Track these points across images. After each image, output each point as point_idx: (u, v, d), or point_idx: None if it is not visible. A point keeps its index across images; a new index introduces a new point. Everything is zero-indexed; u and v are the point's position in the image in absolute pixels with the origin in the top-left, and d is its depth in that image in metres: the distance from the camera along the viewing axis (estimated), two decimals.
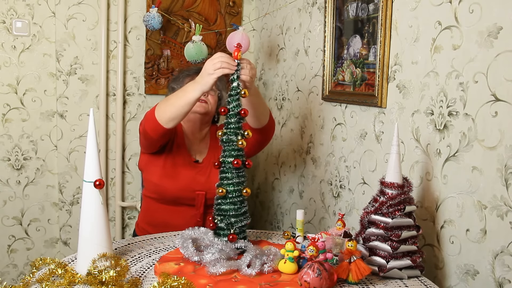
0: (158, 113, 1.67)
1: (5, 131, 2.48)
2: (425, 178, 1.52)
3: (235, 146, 1.44)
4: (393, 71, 1.65)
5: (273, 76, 2.59)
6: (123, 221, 2.69)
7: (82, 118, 2.57)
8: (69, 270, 1.22)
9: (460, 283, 1.39)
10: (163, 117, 1.66)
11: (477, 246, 1.33)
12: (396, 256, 1.32)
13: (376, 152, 1.75)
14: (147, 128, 1.73)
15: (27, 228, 2.57)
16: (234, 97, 1.45)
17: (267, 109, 1.79)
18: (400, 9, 1.61)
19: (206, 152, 1.99)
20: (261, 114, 1.75)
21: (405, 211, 1.33)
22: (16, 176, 2.52)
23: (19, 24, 2.43)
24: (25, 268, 2.58)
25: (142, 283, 1.25)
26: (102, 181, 1.26)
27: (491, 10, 1.27)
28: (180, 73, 2.06)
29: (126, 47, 2.58)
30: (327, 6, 1.99)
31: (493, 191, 1.27)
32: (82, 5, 2.50)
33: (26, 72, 2.48)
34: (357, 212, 1.87)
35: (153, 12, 2.39)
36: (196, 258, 1.36)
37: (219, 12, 2.71)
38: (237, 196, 1.45)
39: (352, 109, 1.90)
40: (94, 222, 1.27)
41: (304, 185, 2.28)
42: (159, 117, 1.67)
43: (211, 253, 1.34)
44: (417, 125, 1.54)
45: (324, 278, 1.19)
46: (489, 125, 1.28)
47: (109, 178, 2.64)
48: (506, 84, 1.23)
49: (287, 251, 1.32)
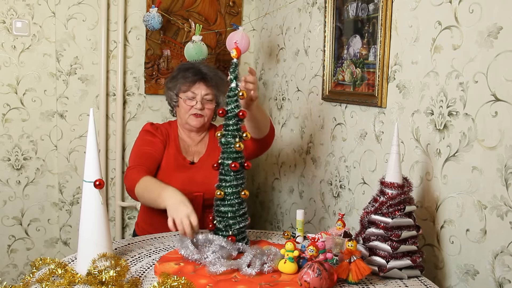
0: (137, 193, 1.71)
1: (5, 131, 2.48)
2: (425, 178, 1.52)
3: (234, 148, 1.43)
4: (393, 71, 1.65)
5: (273, 76, 2.58)
6: (123, 221, 2.69)
7: (82, 118, 2.57)
8: (69, 270, 1.22)
9: (460, 283, 1.39)
10: (140, 200, 1.75)
11: (477, 246, 1.33)
12: (396, 256, 1.32)
13: (376, 152, 1.75)
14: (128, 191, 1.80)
15: (27, 228, 2.57)
16: (232, 98, 1.44)
17: (267, 119, 1.79)
18: (400, 9, 1.61)
19: (203, 151, 1.98)
20: (263, 126, 1.75)
21: (405, 211, 1.33)
22: (16, 176, 2.52)
23: (19, 24, 2.43)
24: (25, 268, 2.58)
25: (142, 283, 1.25)
26: (102, 181, 1.26)
27: (491, 10, 1.27)
28: (178, 72, 1.99)
29: (126, 47, 2.58)
30: (327, 6, 1.99)
31: (493, 191, 1.27)
32: (82, 5, 2.50)
33: (26, 72, 2.48)
34: (357, 212, 1.87)
35: (153, 12, 2.39)
36: (196, 257, 1.36)
37: (219, 12, 2.71)
38: (235, 198, 1.45)
39: (352, 109, 1.90)
40: (94, 222, 1.27)
41: (304, 185, 2.28)
42: (137, 197, 1.73)
43: (212, 250, 1.34)
44: (417, 125, 1.54)
45: (324, 278, 1.19)
46: (489, 125, 1.28)
47: (109, 178, 2.64)
48: (506, 84, 1.23)
49: (287, 251, 1.32)
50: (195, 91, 1.91)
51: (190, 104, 1.91)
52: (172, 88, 1.96)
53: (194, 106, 1.90)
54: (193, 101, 1.91)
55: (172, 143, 1.94)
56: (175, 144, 1.94)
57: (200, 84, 1.91)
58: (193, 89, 1.91)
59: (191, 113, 1.91)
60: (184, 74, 1.94)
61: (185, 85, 1.91)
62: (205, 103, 1.92)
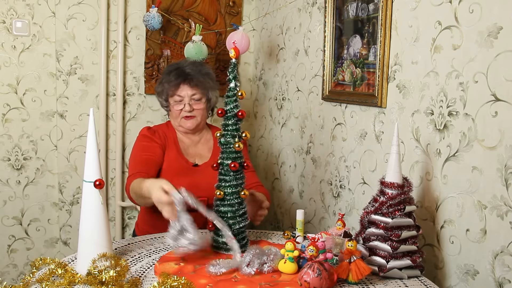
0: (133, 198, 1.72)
1: (5, 131, 2.48)
2: (425, 178, 1.52)
3: (233, 148, 1.43)
4: (393, 71, 1.65)
5: (273, 76, 2.58)
6: (123, 221, 2.69)
7: (82, 118, 2.57)
8: (69, 270, 1.22)
9: (460, 283, 1.39)
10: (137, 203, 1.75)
11: (477, 246, 1.33)
12: (396, 256, 1.32)
13: (376, 152, 1.75)
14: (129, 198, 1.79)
15: (27, 228, 2.57)
16: (231, 98, 1.44)
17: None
18: (400, 9, 1.61)
19: (208, 156, 1.96)
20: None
21: (405, 211, 1.33)
22: (16, 176, 2.52)
23: (19, 24, 2.43)
24: (25, 268, 2.58)
25: (142, 283, 1.25)
26: (102, 181, 1.26)
27: (491, 10, 1.27)
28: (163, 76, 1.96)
29: (126, 47, 2.58)
30: (327, 6, 1.99)
31: (493, 191, 1.27)
32: (82, 5, 2.50)
33: (26, 72, 2.48)
34: (357, 212, 1.87)
35: (153, 12, 2.39)
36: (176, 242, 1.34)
37: (219, 12, 2.71)
38: (235, 198, 1.45)
39: (352, 109, 1.89)
40: (94, 222, 1.27)
41: (304, 185, 2.28)
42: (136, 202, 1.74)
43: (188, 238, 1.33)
44: (417, 125, 1.54)
45: (324, 278, 1.19)
46: (489, 125, 1.28)
47: (109, 178, 2.64)
48: (506, 84, 1.23)
49: (287, 251, 1.32)
50: (180, 93, 1.90)
51: (178, 108, 1.91)
52: (160, 93, 1.97)
53: (183, 109, 1.90)
54: (181, 104, 1.90)
55: (172, 145, 1.93)
56: (175, 146, 1.93)
57: (184, 86, 1.90)
58: (178, 92, 1.90)
59: (182, 116, 1.91)
60: (167, 78, 1.93)
61: (171, 89, 1.91)
62: (193, 104, 1.91)
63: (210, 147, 1.99)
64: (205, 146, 1.99)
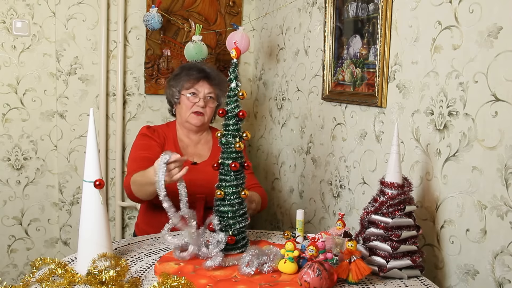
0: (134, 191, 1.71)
1: (5, 131, 2.48)
2: (425, 178, 1.52)
3: (234, 148, 1.44)
4: (393, 71, 1.65)
5: (273, 76, 2.58)
6: (123, 221, 2.69)
7: (82, 118, 2.57)
8: (69, 270, 1.22)
9: (460, 283, 1.38)
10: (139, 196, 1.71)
11: (477, 246, 1.33)
12: (396, 256, 1.32)
13: (376, 152, 1.75)
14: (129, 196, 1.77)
15: (27, 228, 2.57)
16: (232, 98, 1.44)
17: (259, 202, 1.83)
18: (400, 9, 1.61)
19: (207, 155, 1.97)
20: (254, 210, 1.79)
21: (405, 211, 1.33)
22: (16, 176, 2.52)
23: (19, 24, 2.43)
24: (25, 268, 2.58)
25: (142, 283, 1.25)
26: (102, 181, 1.26)
27: (491, 10, 1.27)
28: (181, 70, 2.00)
29: (126, 47, 2.58)
30: (327, 6, 1.99)
31: (493, 191, 1.27)
32: (82, 5, 2.50)
33: (26, 72, 2.48)
34: (357, 212, 1.87)
35: (153, 12, 2.39)
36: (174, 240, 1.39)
37: (219, 12, 2.71)
38: (235, 198, 1.45)
39: (352, 109, 1.90)
40: (94, 222, 1.27)
41: (304, 185, 2.28)
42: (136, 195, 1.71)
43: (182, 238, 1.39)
44: (417, 125, 1.54)
45: (324, 278, 1.19)
46: (489, 125, 1.28)
47: (109, 178, 2.64)
48: (506, 84, 1.23)
49: (287, 251, 1.32)
50: (198, 88, 1.93)
51: (193, 100, 1.92)
52: (175, 85, 1.97)
53: (197, 103, 1.91)
54: (196, 98, 1.92)
55: (171, 144, 1.93)
56: (174, 144, 1.94)
57: (204, 82, 1.93)
58: (196, 87, 1.93)
59: (192, 110, 1.92)
60: (187, 72, 1.97)
61: (189, 82, 1.93)
62: (207, 102, 1.94)
63: (209, 147, 2.00)
64: (205, 147, 2.00)
